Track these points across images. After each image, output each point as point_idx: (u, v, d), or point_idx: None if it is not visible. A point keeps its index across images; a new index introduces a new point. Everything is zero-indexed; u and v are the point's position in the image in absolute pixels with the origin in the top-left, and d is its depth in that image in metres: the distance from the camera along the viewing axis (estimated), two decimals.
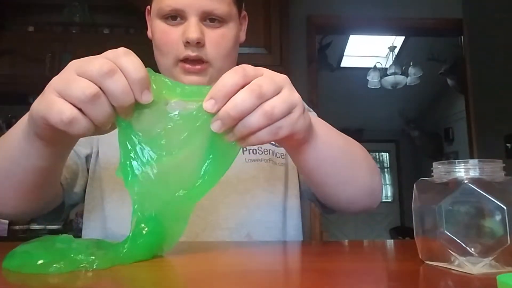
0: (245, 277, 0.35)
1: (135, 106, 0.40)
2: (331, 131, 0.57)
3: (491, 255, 0.33)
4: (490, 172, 0.36)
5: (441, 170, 0.38)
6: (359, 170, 0.61)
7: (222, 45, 0.72)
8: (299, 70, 2.66)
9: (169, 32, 0.71)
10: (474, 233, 0.35)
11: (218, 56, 0.72)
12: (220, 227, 0.67)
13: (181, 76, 0.72)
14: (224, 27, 0.72)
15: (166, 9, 0.70)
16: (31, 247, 0.39)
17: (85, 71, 0.37)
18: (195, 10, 0.69)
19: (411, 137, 5.81)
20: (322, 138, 0.52)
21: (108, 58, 0.38)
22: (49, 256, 0.36)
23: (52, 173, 0.55)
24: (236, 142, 0.41)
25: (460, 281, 0.32)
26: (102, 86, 0.37)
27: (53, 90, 0.38)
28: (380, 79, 4.58)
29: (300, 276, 0.36)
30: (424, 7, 2.87)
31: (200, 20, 0.70)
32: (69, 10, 2.58)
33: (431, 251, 0.38)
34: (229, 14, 0.72)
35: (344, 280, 0.34)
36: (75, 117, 0.37)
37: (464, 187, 0.35)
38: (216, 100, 0.39)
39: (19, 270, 0.36)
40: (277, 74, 0.43)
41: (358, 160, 0.61)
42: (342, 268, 0.40)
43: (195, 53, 0.70)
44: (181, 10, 0.69)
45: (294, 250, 0.53)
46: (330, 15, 2.84)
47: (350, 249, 0.55)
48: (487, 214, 0.34)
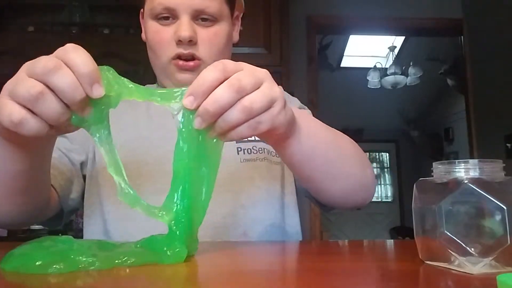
0: (244, 277, 0.35)
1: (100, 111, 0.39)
2: (317, 125, 0.57)
3: (491, 255, 0.33)
4: (490, 172, 0.36)
5: (441, 170, 0.38)
6: (348, 164, 0.60)
7: (215, 43, 0.73)
8: (299, 70, 2.66)
9: (162, 32, 0.71)
10: (474, 233, 0.35)
11: (211, 53, 0.72)
12: (215, 226, 0.67)
13: (175, 74, 0.73)
14: (216, 25, 0.73)
15: (158, 7, 0.70)
16: (30, 248, 0.39)
17: (32, 71, 0.37)
18: (186, 9, 0.69)
19: (411, 137, 5.81)
20: (307, 132, 0.52)
21: (57, 55, 0.38)
22: (49, 257, 0.36)
23: (35, 177, 0.54)
24: (217, 138, 0.41)
25: (460, 281, 0.32)
26: (48, 83, 0.36)
27: (5, 92, 0.38)
28: (380, 79, 4.58)
29: (300, 276, 0.36)
30: (424, 7, 2.87)
31: (192, 19, 0.70)
32: (69, 10, 2.58)
33: (431, 251, 0.38)
34: (221, 13, 0.73)
35: (344, 280, 0.34)
36: (24, 117, 0.37)
37: (464, 187, 0.35)
38: (195, 96, 0.39)
39: (17, 271, 0.36)
40: (257, 69, 0.43)
41: (347, 154, 0.61)
42: (342, 268, 0.40)
43: (187, 51, 0.70)
44: (172, 9, 0.69)
45: (294, 250, 0.53)
46: (330, 15, 2.84)
47: (350, 249, 0.55)
48: (487, 214, 0.34)
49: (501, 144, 2.51)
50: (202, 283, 0.33)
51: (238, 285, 0.33)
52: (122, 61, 2.39)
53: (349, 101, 5.28)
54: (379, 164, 6.66)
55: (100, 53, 2.43)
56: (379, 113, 5.63)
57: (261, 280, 0.34)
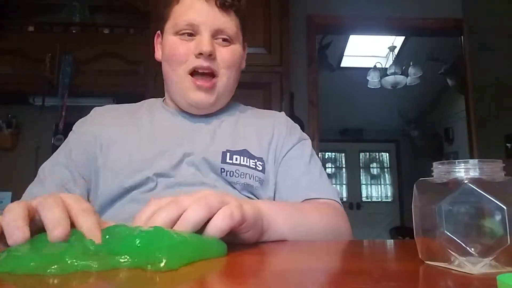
0: (243, 277, 0.35)
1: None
2: (286, 214, 0.62)
3: (491, 255, 0.33)
4: (490, 172, 0.36)
5: (441, 170, 0.38)
6: (319, 235, 0.65)
7: (231, 60, 0.79)
8: (299, 70, 2.66)
9: (181, 45, 0.77)
10: (474, 233, 0.35)
11: (227, 70, 0.79)
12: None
13: (189, 92, 0.78)
14: (232, 46, 0.80)
15: (182, 24, 0.76)
16: (21, 249, 0.37)
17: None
18: (209, 27, 0.76)
19: (411, 137, 5.81)
20: (277, 226, 0.57)
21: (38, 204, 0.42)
22: (42, 260, 0.35)
23: None
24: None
25: (460, 281, 0.32)
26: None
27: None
28: (380, 79, 4.58)
29: (299, 276, 0.36)
30: (424, 7, 2.87)
31: (211, 36, 0.76)
32: (69, 10, 2.58)
33: (431, 251, 0.38)
34: (237, 36, 0.81)
35: (344, 280, 0.34)
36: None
37: (464, 187, 0.35)
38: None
39: (9, 272, 0.34)
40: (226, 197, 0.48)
41: (317, 230, 0.66)
42: (342, 268, 0.40)
43: (206, 64, 0.76)
44: (196, 25, 0.76)
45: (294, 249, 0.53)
46: (330, 15, 2.84)
47: (350, 249, 0.55)
48: (487, 214, 0.34)
49: (501, 144, 2.51)
50: (202, 283, 0.33)
51: (237, 285, 0.33)
52: (122, 61, 2.39)
53: (349, 101, 5.28)
54: (379, 164, 6.66)
55: (100, 53, 2.44)
56: (379, 113, 5.63)
57: (260, 280, 0.34)
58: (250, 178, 0.76)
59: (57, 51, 2.36)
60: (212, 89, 0.78)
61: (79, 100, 2.37)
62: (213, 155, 0.76)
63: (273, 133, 0.84)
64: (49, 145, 2.38)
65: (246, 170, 0.76)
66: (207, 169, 0.75)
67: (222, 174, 0.75)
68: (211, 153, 0.76)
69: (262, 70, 2.13)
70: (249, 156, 0.78)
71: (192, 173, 0.75)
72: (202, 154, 0.76)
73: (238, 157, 0.76)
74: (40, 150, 2.49)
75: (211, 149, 0.77)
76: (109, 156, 0.76)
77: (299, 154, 0.84)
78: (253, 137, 0.82)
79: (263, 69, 2.14)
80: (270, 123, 0.86)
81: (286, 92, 2.20)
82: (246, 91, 0.92)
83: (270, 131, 0.84)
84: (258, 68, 2.07)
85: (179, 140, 0.78)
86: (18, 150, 2.59)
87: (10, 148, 2.57)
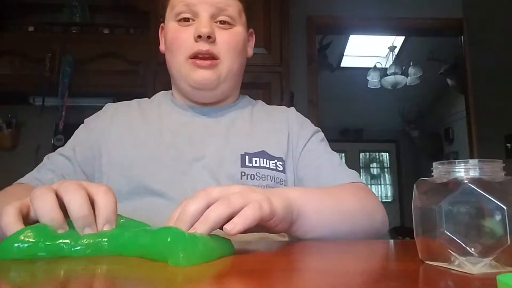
0: (242, 276, 0.35)
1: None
2: (317, 200, 0.59)
3: (491, 255, 0.33)
4: (490, 172, 0.36)
5: (441, 170, 0.38)
6: (355, 224, 0.63)
7: (232, 43, 0.76)
8: (299, 70, 2.66)
9: (181, 31, 0.75)
10: (474, 233, 0.35)
11: (228, 53, 0.75)
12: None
13: (191, 73, 0.75)
14: (233, 28, 0.77)
15: (180, 5, 0.74)
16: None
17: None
18: (207, 7, 0.73)
19: (411, 137, 5.82)
20: (308, 214, 0.55)
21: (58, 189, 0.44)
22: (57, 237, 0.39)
23: None
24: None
25: (460, 281, 0.32)
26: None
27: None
28: (380, 79, 4.58)
29: (299, 276, 0.36)
30: (424, 7, 2.87)
31: (211, 18, 0.74)
32: (69, 10, 2.58)
33: (431, 251, 0.38)
34: (239, 18, 0.77)
35: (344, 280, 0.34)
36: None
37: (464, 187, 0.35)
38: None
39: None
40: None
41: (352, 214, 0.63)
42: (342, 268, 0.40)
43: (206, 48, 0.73)
44: (193, 5, 0.73)
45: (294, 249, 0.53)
46: (330, 15, 2.85)
47: (350, 249, 0.55)
48: (487, 214, 0.34)
49: (501, 144, 2.51)
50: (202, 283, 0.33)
51: (236, 285, 0.33)
52: (122, 61, 2.39)
53: (349, 101, 5.28)
54: (379, 164, 6.66)
55: (100, 53, 2.44)
56: (379, 113, 5.63)
57: (260, 280, 0.34)
58: (271, 180, 0.73)
59: (57, 51, 2.36)
60: (213, 68, 0.74)
61: (79, 100, 2.37)
62: (230, 159, 0.73)
63: (288, 130, 0.82)
64: (49, 145, 2.38)
65: (267, 172, 0.74)
66: (222, 173, 0.72)
67: (242, 178, 0.72)
68: (228, 157, 0.74)
69: (262, 70, 2.13)
70: (268, 157, 0.75)
71: (204, 175, 0.72)
72: (217, 157, 0.73)
73: (257, 159, 0.74)
74: (40, 150, 2.49)
75: (227, 151, 0.74)
76: (117, 152, 0.75)
77: (315, 146, 0.82)
78: (270, 136, 0.79)
79: (263, 69, 2.14)
80: (284, 120, 0.84)
81: (286, 92, 2.21)
82: (246, 91, 0.92)
83: (285, 129, 0.82)
84: (258, 68, 2.07)
85: (189, 139, 0.76)
86: (18, 150, 2.59)
87: (10, 148, 2.57)
